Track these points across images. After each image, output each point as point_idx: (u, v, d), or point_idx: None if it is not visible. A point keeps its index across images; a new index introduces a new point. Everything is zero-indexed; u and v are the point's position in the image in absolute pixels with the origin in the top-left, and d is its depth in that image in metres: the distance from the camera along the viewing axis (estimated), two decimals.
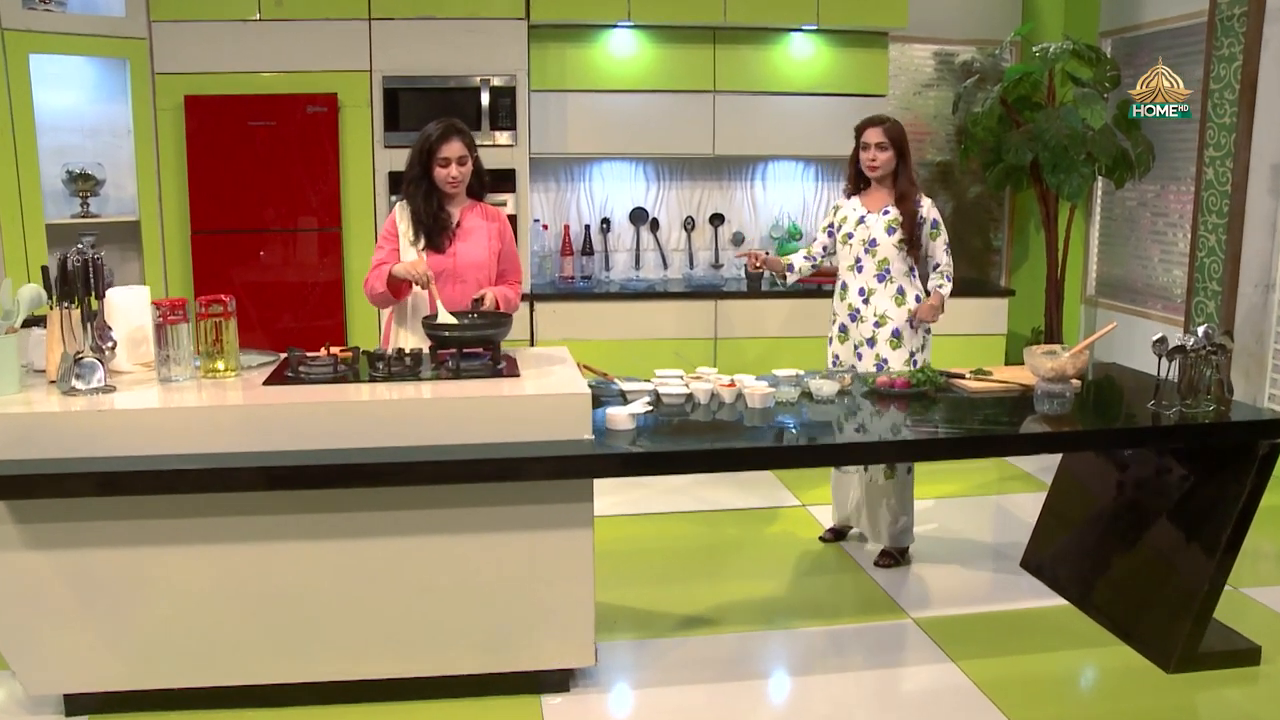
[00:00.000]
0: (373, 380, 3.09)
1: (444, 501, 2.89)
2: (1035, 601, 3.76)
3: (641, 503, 4.77)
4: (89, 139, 5.11)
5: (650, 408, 3.14)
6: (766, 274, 5.80)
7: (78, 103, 5.10)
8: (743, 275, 5.80)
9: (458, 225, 3.62)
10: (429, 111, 5.11)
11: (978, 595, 3.85)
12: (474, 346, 3.24)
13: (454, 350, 3.21)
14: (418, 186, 3.56)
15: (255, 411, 2.85)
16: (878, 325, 4.04)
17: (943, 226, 4.10)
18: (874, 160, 4.01)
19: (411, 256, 3.55)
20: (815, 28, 5.54)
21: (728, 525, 4.59)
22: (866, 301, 4.06)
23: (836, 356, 4.19)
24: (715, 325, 5.49)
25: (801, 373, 3.58)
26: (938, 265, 4.10)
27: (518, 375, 3.12)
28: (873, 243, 4.03)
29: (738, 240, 6.04)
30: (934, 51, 6.47)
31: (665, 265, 6.00)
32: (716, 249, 6.02)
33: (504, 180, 5.25)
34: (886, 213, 4.03)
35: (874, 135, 4.01)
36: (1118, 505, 3.68)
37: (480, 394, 2.94)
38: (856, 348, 4.10)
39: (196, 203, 5.06)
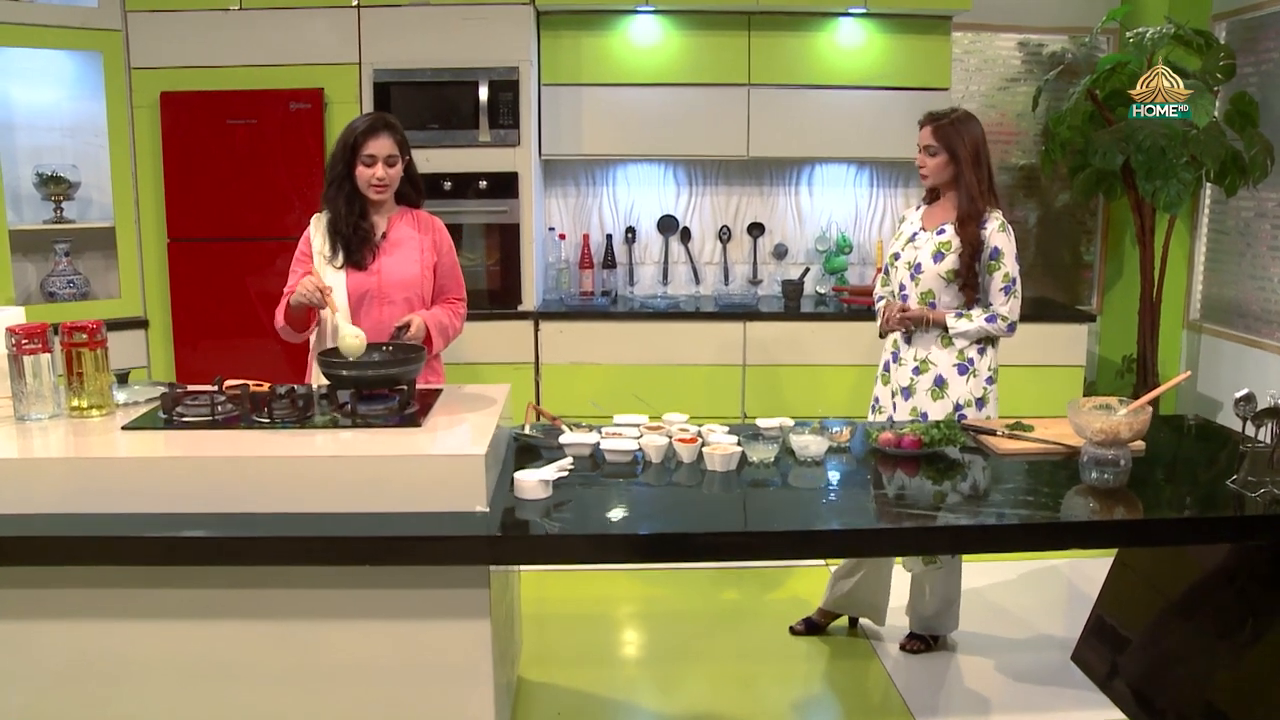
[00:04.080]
0: (251, 426, 2.58)
1: (306, 581, 2.35)
2: (1079, 711, 3.02)
3: None
4: (68, 138, 4.77)
5: (567, 471, 2.53)
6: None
7: (57, 100, 4.76)
8: (781, 294, 5.13)
9: (383, 237, 3.09)
10: (424, 108, 4.65)
11: (1010, 698, 3.13)
12: (375, 387, 2.69)
13: (353, 391, 2.67)
14: (339, 189, 3.04)
15: (83, 465, 2.37)
16: (917, 371, 3.32)
17: (1006, 259, 3.21)
18: (921, 166, 3.30)
19: (329, 276, 3.04)
20: (864, 11, 4.83)
21: (722, 586, 3.94)
22: (909, 341, 3.35)
23: (877, 399, 3.49)
24: (744, 351, 4.84)
25: (791, 423, 2.92)
26: (989, 306, 3.27)
27: (419, 424, 2.57)
28: (917, 268, 3.30)
29: (780, 253, 5.37)
30: (1019, 41, 5.68)
31: (697, 280, 5.38)
32: (755, 263, 5.36)
33: (505, 185, 4.71)
34: (940, 233, 3.26)
35: (923, 135, 3.27)
36: (1202, 591, 2.92)
37: (347, 452, 2.39)
38: (894, 395, 3.39)
39: (173, 208, 4.66)
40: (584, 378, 4.79)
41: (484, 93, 4.62)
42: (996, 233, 3.19)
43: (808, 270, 5.23)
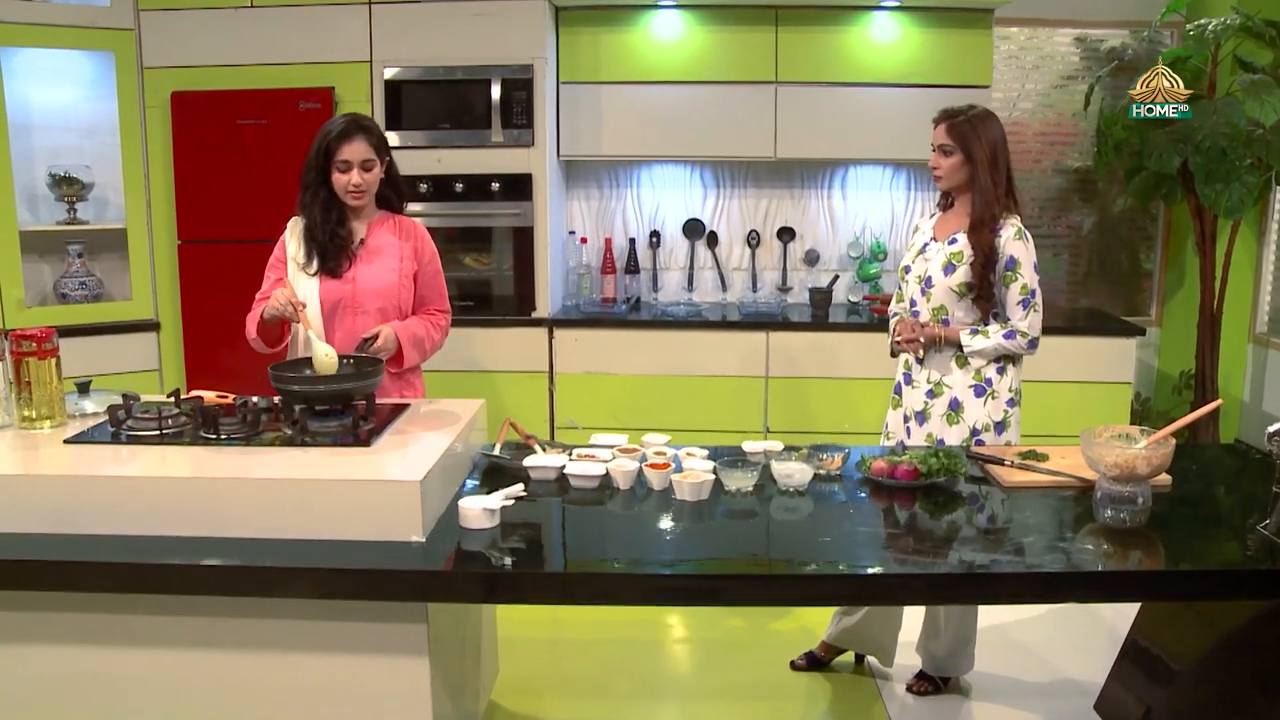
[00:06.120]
0: (195, 442, 2.45)
1: (238, 610, 2.21)
2: None
3: None
4: (86, 139, 4.73)
5: (513, 500, 2.34)
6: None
7: (75, 100, 4.72)
8: (808, 302, 4.88)
9: (361, 243, 2.94)
10: (435, 107, 4.52)
11: None
12: (326, 403, 2.54)
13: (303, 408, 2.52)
14: (314, 195, 2.90)
15: (10, 481, 2.26)
16: (931, 395, 3.06)
17: (1023, 269, 2.93)
18: (935, 166, 3.06)
19: (303, 283, 2.90)
20: (899, 4, 4.57)
21: (729, 612, 3.69)
22: (921, 361, 3.10)
23: (887, 425, 3.23)
24: (767, 362, 4.61)
25: (779, 447, 2.70)
26: (1007, 321, 2.99)
27: (368, 444, 2.41)
28: (928, 282, 3.05)
29: (811, 259, 5.12)
30: (1076, 37, 5.35)
31: (724, 287, 5.16)
32: (785, 269, 5.12)
33: (519, 187, 4.54)
34: (952, 242, 3.01)
35: (937, 133, 3.03)
36: (1247, 637, 2.62)
37: (279, 475, 2.25)
38: (906, 420, 3.14)
39: (184, 210, 4.59)
40: (600, 388, 4.61)
41: (496, 91, 4.46)
42: (1012, 240, 2.92)
43: (836, 278, 4.97)
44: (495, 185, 4.52)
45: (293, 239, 2.95)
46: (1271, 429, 2.24)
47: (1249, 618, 2.66)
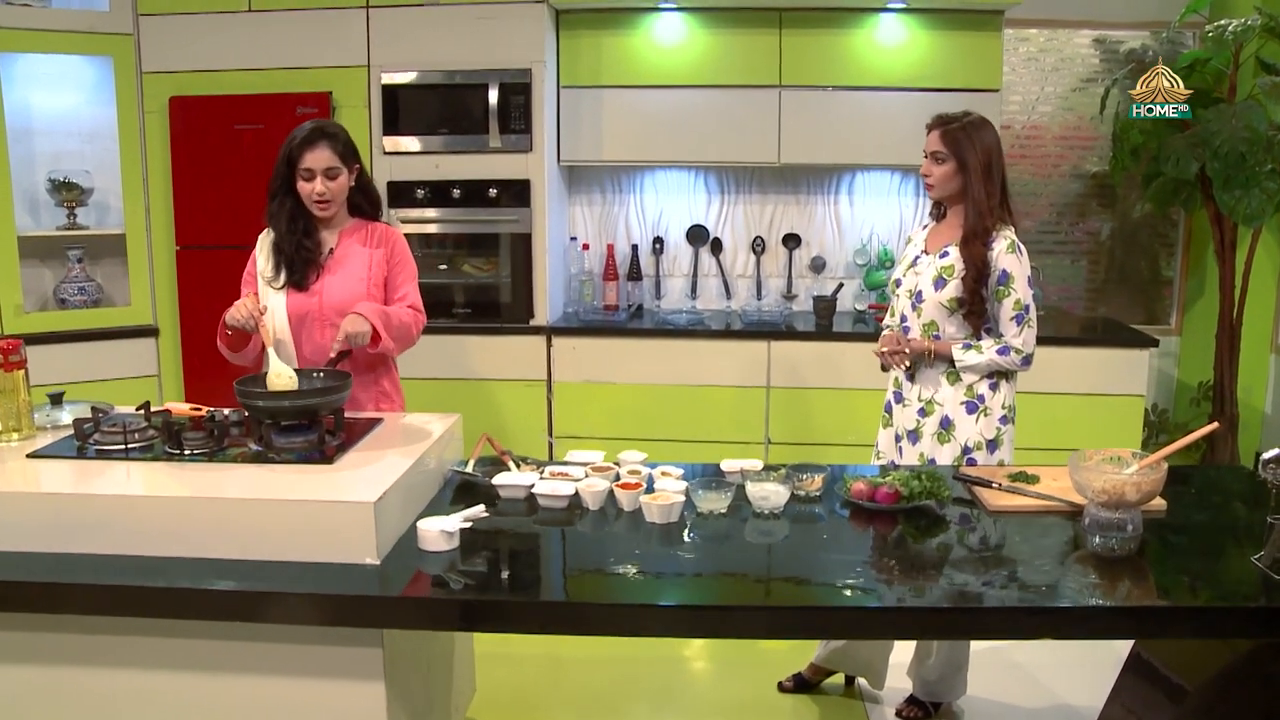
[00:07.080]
0: (159, 458, 2.41)
1: (190, 631, 2.15)
2: None
3: None
4: (87, 144, 4.73)
5: (470, 522, 2.27)
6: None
7: (76, 105, 4.72)
8: (812, 311, 4.79)
9: (330, 254, 2.88)
10: (433, 112, 4.46)
11: None
12: (291, 419, 2.48)
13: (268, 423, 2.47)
14: (280, 205, 2.85)
15: None
16: (922, 414, 2.97)
17: (1016, 283, 2.83)
18: (926, 174, 2.96)
19: (270, 298, 2.85)
20: (905, 6, 4.46)
21: None
22: (912, 378, 3.00)
23: (877, 444, 3.15)
24: (768, 372, 4.51)
25: (760, 466, 2.61)
26: (1000, 336, 2.90)
27: (332, 461, 2.35)
28: (918, 296, 2.96)
29: (817, 266, 5.02)
30: (1095, 39, 5.22)
31: (729, 294, 5.07)
32: (790, 276, 5.03)
33: (517, 193, 4.48)
34: (943, 256, 2.91)
35: (930, 140, 2.93)
36: (1257, 668, 2.49)
37: (231, 494, 2.19)
38: (898, 439, 3.05)
39: (182, 215, 4.57)
40: (599, 397, 4.54)
41: (494, 96, 4.40)
42: (1004, 254, 2.82)
43: (841, 286, 4.87)
44: (493, 191, 4.47)
45: (261, 253, 2.90)
46: (1266, 456, 2.14)
47: (1261, 642, 2.54)
